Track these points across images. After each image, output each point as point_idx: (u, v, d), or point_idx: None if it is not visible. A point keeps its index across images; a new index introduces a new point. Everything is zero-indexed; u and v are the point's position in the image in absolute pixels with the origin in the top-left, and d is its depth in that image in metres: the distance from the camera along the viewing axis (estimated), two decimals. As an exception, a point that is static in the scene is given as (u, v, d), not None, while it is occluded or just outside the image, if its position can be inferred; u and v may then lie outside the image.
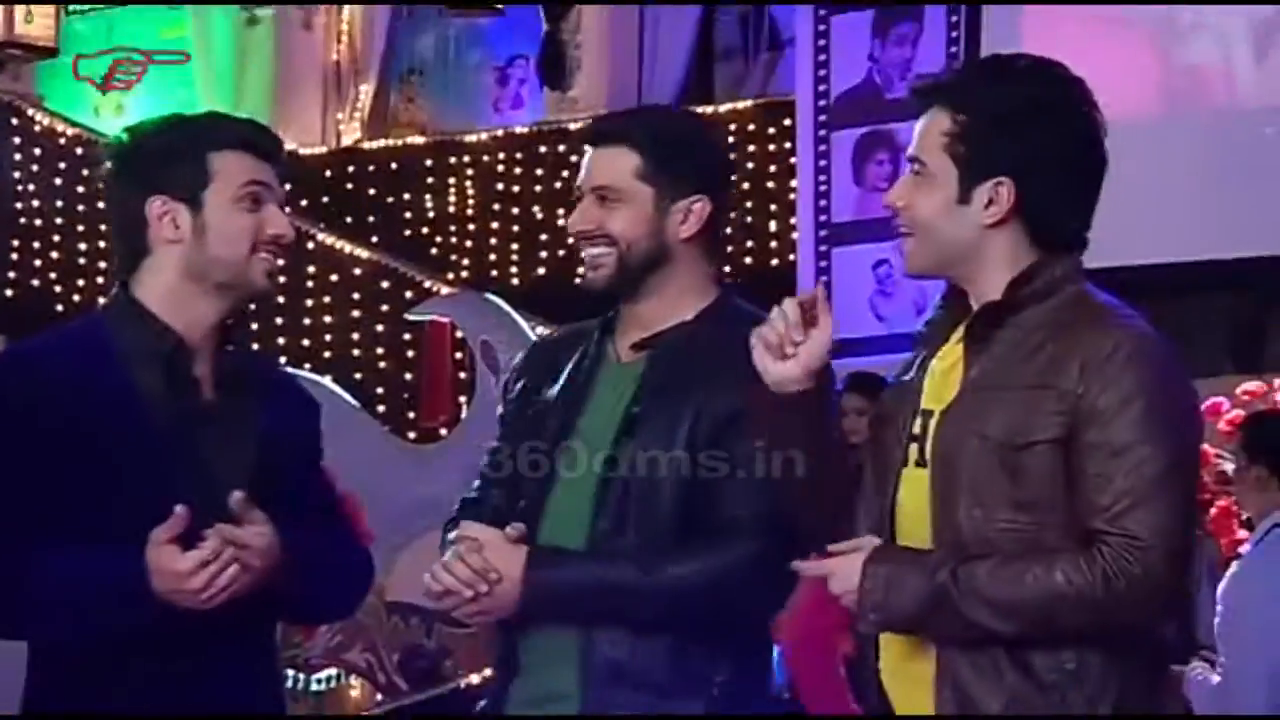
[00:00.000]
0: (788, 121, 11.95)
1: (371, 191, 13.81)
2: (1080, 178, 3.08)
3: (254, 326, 11.63)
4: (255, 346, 11.31)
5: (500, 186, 13.30)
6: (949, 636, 2.96)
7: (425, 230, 13.60)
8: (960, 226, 3.05)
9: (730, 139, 12.58)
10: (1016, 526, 2.93)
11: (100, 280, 11.09)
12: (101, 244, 10.91)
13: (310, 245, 12.08)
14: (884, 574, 2.94)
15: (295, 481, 3.39)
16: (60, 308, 11.50)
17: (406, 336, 11.41)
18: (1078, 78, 3.10)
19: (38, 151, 11.63)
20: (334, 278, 12.00)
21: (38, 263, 11.63)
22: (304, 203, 13.63)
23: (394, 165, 13.88)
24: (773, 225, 12.33)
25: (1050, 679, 2.92)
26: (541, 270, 13.03)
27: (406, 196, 13.69)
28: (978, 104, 3.05)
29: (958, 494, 2.96)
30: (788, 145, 11.99)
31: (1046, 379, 2.93)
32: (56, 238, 11.30)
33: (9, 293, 11.43)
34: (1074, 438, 2.91)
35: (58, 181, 11.85)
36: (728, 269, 12.29)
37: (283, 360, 10.95)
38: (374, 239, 12.92)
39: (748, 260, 12.38)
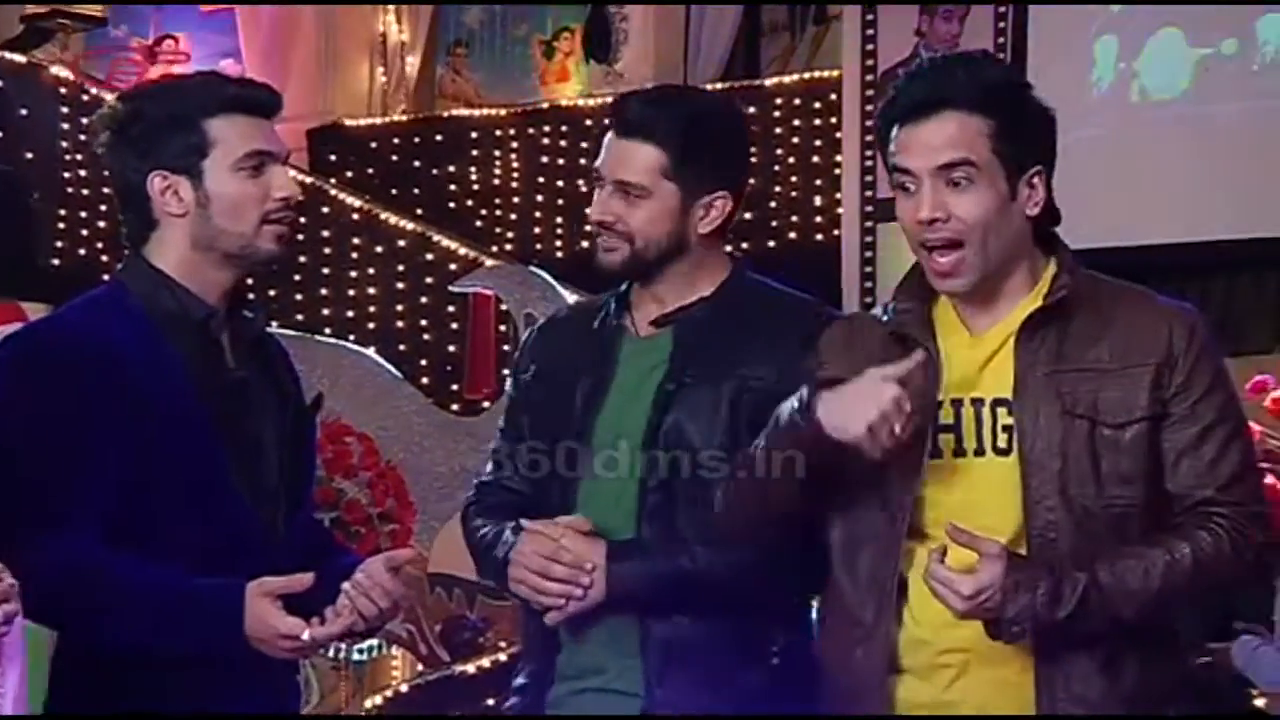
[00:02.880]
0: (834, 97, 11.93)
1: (417, 163, 13.83)
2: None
3: (298, 297, 11.66)
4: (300, 317, 11.35)
5: (545, 159, 13.31)
6: (1079, 634, 2.98)
7: (470, 202, 13.61)
8: (1011, 223, 3.05)
9: (776, 114, 12.57)
10: (1121, 501, 3.00)
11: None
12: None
13: (355, 216, 12.10)
14: (1021, 582, 2.93)
15: (310, 450, 3.40)
16: (106, 277, 11.51)
17: (450, 308, 11.42)
18: None
19: (85, 121, 11.66)
20: (379, 249, 12.01)
21: (84, 232, 11.67)
22: (349, 174, 13.67)
23: (439, 137, 13.89)
24: (818, 201, 12.32)
25: (1141, 657, 3.01)
26: (585, 243, 12.99)
27: (452, 169, 13.71)
28: (1002, 103, 3.03)
29: (1054, 478, 2.99)
30: (833, 120, 11.97)
31: (1136, 356, 3.01)
32: (103, 207, 11.33)
33: (56, 262, 11.47)
34: (1165, 412, 3.01)
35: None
36: (772, 244, 12.29)
37: (327, 331, 10.97)
38: (419, 211, 12.93)
39: (792, 236, 12.37)
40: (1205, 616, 5.74)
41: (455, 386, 11.11)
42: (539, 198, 13.34)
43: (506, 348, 10.45)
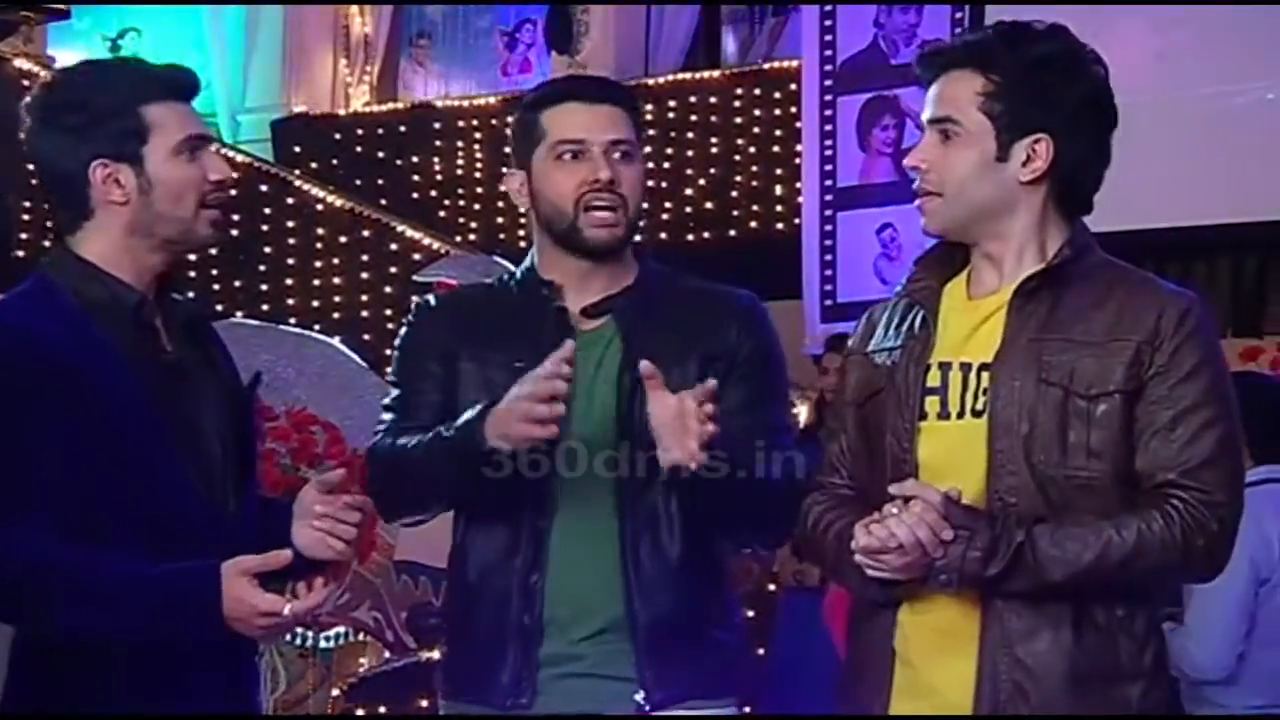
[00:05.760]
0: (793, 87, 12.00)
1: (380, 154, 13.87)
2: (1104, 135, 3.13)
3: (264, 287, 11.70)
4: (265, 307, 11.39)
5: (508, 150, 13.33)
6: (1011, 593, 2.98)
7: (434, 193, 13.66)
8: (995, 184, 3.07)
9: (736, 104, 12.65)
10: (1084, 474, 2.99)
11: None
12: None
13: (319, 207, 12.15)
14: (958, 532, 2.93)
15: (251, 429, 3.40)
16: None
17: (415, 298, 11.47)
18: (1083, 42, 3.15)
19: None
20: (343, 239, 12.06)
21: (49, 223, 11.69)
22: (313, 165, 13.70)
23: (403, 128, 13.94)
24: (778, 190, 12.39)
25: (1104, 627, 3.00)
26: (549, 233, 13.07)
27: (415, 159, 13.76)
28: (1009, 62, 3.07)
29: (1020, 443, 3.00)
30: (793, 110, 12.04)
31: (1120, 332, 3.01)
32: (68, 199, 11.34)
33: (20, 253, 11.49)
34: (1142, 390, 2.99)
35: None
36: (733, 233, 12.37)
37: (292, 321, 11.02)
38: (383, 201, 12.98)
39: (753, 225, 12.44)
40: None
41: (420, 376, 11.15)
42: (502, 188, 13.35)
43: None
